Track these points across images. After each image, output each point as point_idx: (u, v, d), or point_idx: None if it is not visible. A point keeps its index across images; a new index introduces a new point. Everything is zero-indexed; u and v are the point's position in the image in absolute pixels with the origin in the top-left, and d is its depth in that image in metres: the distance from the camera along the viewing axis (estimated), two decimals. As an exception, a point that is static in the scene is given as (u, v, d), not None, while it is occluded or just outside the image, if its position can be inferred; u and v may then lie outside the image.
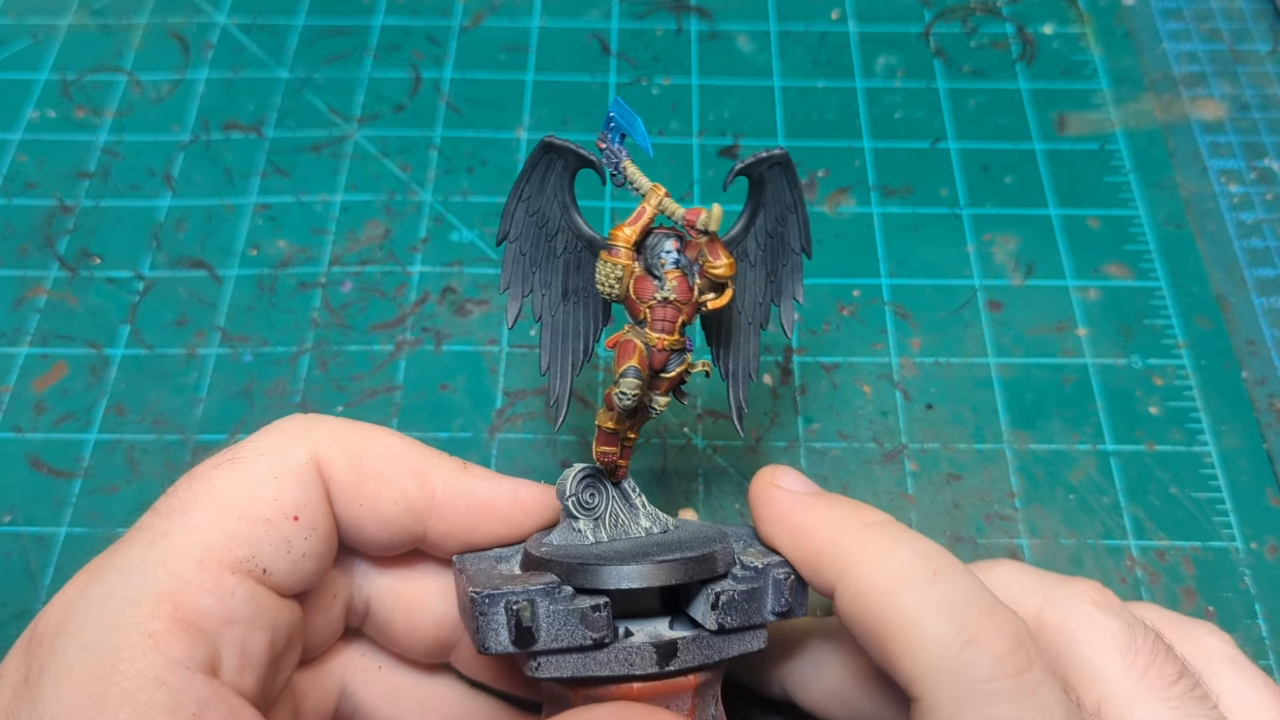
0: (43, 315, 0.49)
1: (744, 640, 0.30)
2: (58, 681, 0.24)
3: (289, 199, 0.52)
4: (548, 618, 0.28)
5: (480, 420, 0.46)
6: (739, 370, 0.35)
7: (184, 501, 0.28)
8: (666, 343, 0.31)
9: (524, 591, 0.28)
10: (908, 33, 0.60)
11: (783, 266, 0.34)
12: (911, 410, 0.46)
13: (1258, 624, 0.41)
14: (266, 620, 0.28)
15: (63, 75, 0.57)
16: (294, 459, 0.29)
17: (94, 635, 0.25)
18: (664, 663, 0.29)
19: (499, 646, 0.28)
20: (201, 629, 0.26)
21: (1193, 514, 0.44)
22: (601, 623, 0.28)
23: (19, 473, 0.44)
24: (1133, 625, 0.30)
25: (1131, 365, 0.48)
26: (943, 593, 0.27)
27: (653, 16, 0.60)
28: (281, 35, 0.59)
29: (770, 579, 0.30)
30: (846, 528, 0.29)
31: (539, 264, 0.33)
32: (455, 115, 0.56)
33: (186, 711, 0.24)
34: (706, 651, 0.29)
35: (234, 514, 0.28)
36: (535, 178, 0.32)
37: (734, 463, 0.45)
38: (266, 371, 0.47)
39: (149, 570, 0.26)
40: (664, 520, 0.34)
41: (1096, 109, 0.56)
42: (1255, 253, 0.52)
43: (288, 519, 0.29)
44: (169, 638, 0.25)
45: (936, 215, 0.52)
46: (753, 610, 0.30)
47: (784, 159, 0.32)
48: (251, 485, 0.29)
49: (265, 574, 0.28)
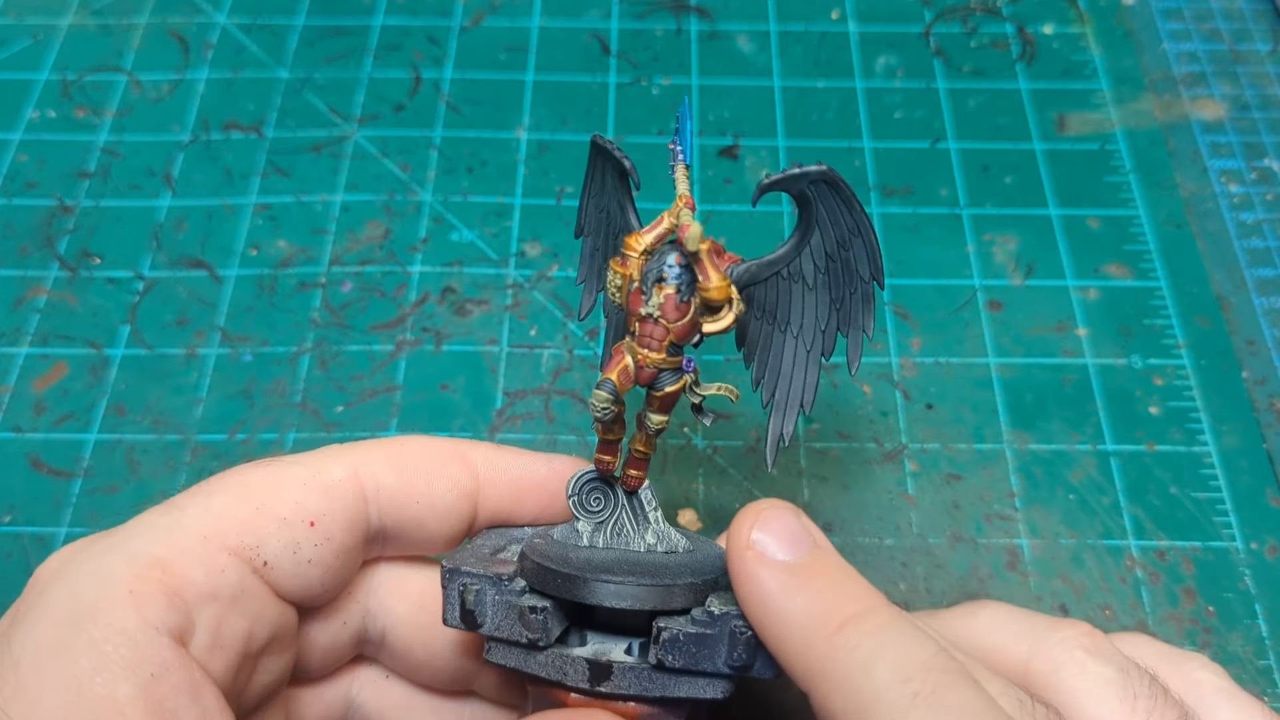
0: (43, 315, 0.49)
1: (695, 685, 0.28)
2: (35, 623, 0.25)
3: (289, 199, 0.52)
4: (494, 606, 0.29)
5: (480, 420, 0.46)
6: (787, 399, 0.33)
7: (213, 485, 0.29)
8: (650, 360, 0.29)
9: (476, 575, 0.29)
10: (908, 33, 0.60)
11: (850, 294, 0.31)
12: (911, 410, 0.46)
13: (1257, 624, 0.41)
14: (250, 609, 0.28)
15: (63, 75, 0.57)
16: (330, 474, 0.30)
17: (81, 584, 0.26)
18: (595, 682, 0.28)
19: (452, 621, 0.29)
20: (183, 598, 0.26)
21: (1193, 514, 0.44)
22: (537, 624, 0.28)
23: (19, 473, 0.44)
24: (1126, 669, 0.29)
25: (1131, 365, 0.48)
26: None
27: (653, 16, 0.60)
28: (281, 35, 0.59)
29: (727, 629, 0.28)
30: (820, 630, 0.26)
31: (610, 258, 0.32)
32: (455, 115, 0.56)
33: (145, 670, 0.25)
34: (644, 684, 0.28)
35: (252, 505, 0.28)
36: (596, 175, 0.32)
37: (734, 463, 0.45)
38: (266, 371, 0.47)
39: (153, 535, 0.27)
40: (675, 541, 0.32)
41: (1096, 109, 0.56)
42: (1255, 253, 0.52)
43: (303, 522, 0.29)
44: (147, 598, 0.25)
45: (936, 215, 0.52)
46: (702, 656, 0.28)
47: (829, 177, 0.29)
48: (279, 486, 0.29)
49: (265, 566, 0.28)
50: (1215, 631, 0.41)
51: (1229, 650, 0.41)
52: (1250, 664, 0.40)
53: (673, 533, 0.32)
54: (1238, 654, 0.40)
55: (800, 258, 0.31)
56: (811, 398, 0.32)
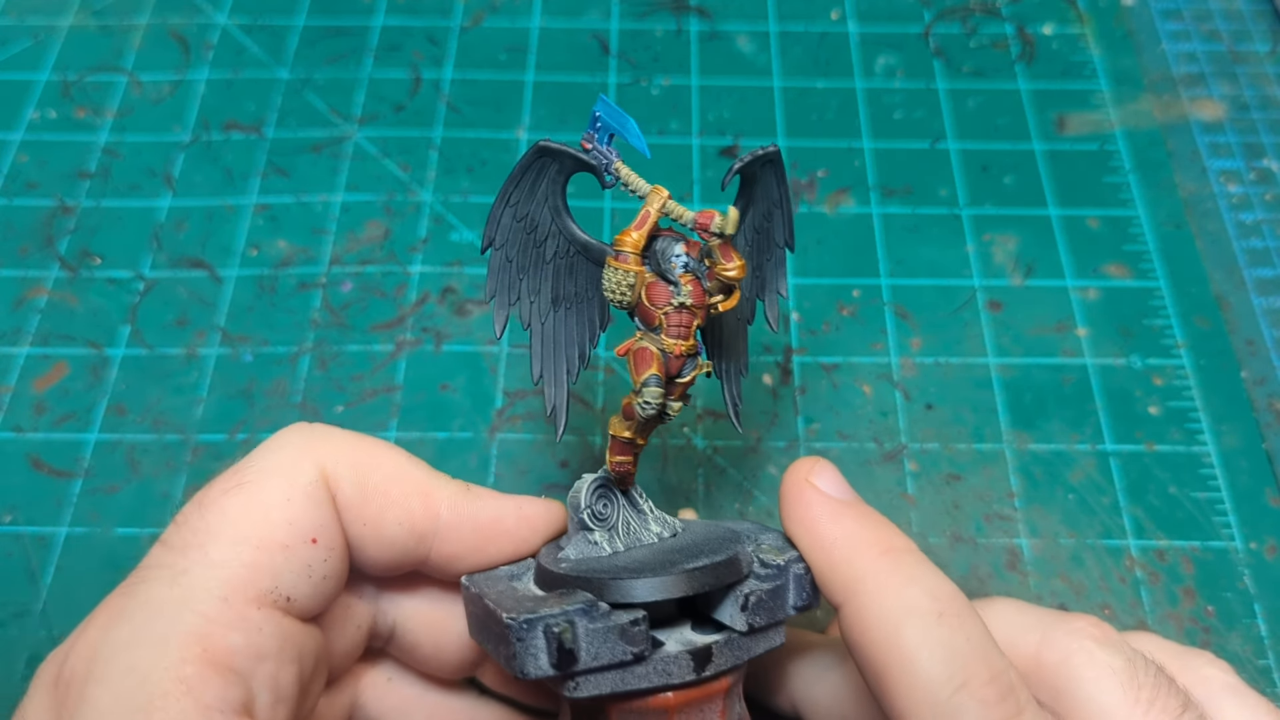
0: (43, 315, 0.49)
1: (768, 638, 0.30)
2: None
3: (289, 199, 0.52)
4: (587, 637, 0.28)
5: (480, 420, 0.46)
6: (730, 368, 0.35)
7: (198, 534, 0.27)
8: (683, 348, 0.30)
9: (562, 613, 0.27)
10: (908, 33, 0.60)
11: (767, 261, 0.34)
12: (911, 410, 0.46)
13: (1257, 624, 0.41)
14: (294, 652, 0.27)
15: (63, 76, 0.57)
16: (303, 477, 0.28)
17: (125, 683, 0.24)
18: (700, 669, 0.29)
19: (538, 671, 0.27)
20: (233, 669, 0.25)
21: (1192, 514, 0.44)
22: (640, 636, 0.28)
23: (19, 473, 0.44)
24: (1134, 660, 0.30)
25: (1131, 365, 0.48)
26: (944, 636, 0.27)
27: (653, 16, 0.60)
28: (281, 35, 0.59)
29: (791, 575, 0.30)
30: (865, 549, 0.29)
31: (526, 270, 0.32)
32: (455, 115, 0.56)
33: None
34: (737, 653, 0.29)
35: (251, 544, 0.27)
36: (525, 182, 0.31)
37: (734, 463, 0.45)
38: (266, 371, 0.47)
39: (174, 611, 0.25)
40: (672, 524, 0.33)
41: (1096, 109, 0.57)
42: (1254, 253, 0.52)
43: (305, 542, 0.28)
44: (201, 682, 0.24)
45: (936, 215, 0.52)
46: (777, 607, 0.30)
47: (775, 156, 0.32)
48: (265, 510, 0.28)
49: (289, 602, 0.27)
50: (1215, 631, 0.41)
51: (1228, 650, 0.41)
52: (1250, 664, 0.40)
53: (666, 516, 0.34)
54: (1237, 653, 0.40)
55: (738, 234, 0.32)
56: (745, 361, 0.35)
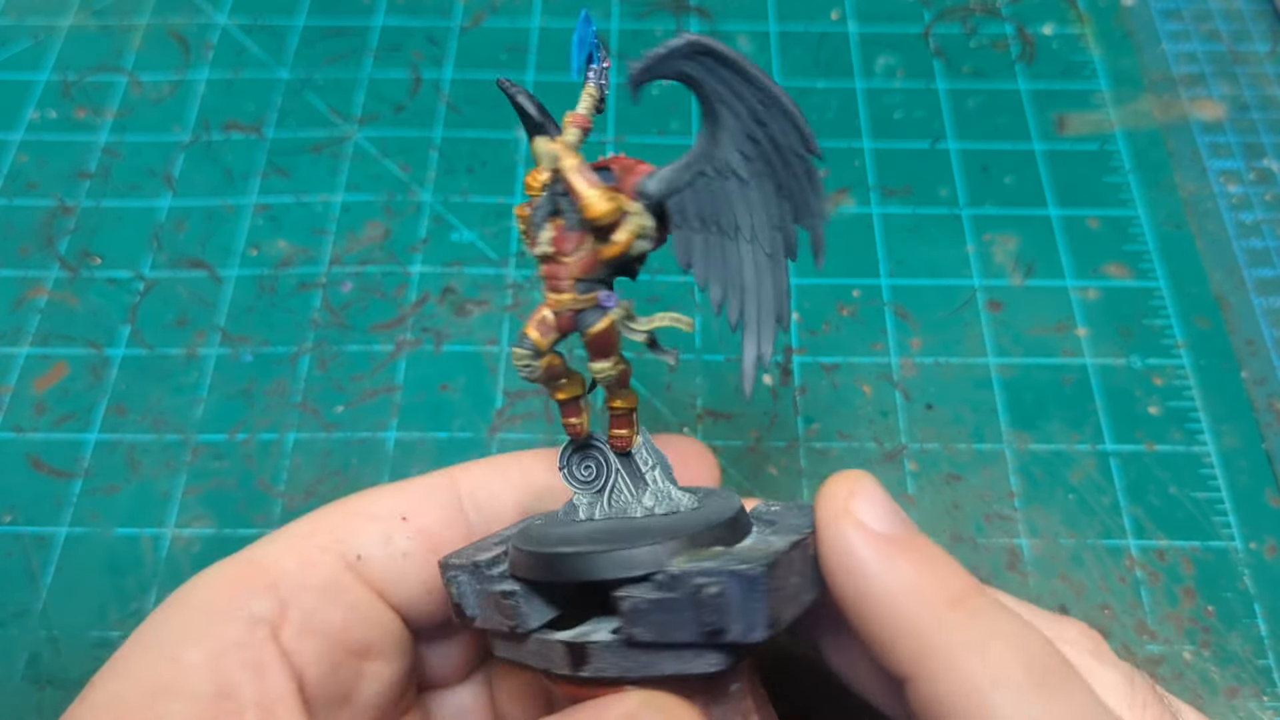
0: (43, 315, 0.49)
1: (680, 659, 0.24)
2: (158, 608, 0.28)
3: (289, 199, 0.52)
4: (476, 597, 0.27)
5: (480, 420, 0.46)
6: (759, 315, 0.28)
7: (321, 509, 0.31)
8: (560, 303, 0.26)
9: (459, 567, 0.27)
10: (908, 33, 0.60)
11: (792, 176, 0.27)
12: (911, 410, 0.46)
13: (1257, 624, 0.41)
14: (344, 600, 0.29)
15: (63, 75, 0.57)
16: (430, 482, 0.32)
17: (200, 578, 0.28)
18: (575, 667, 0.25)
19: (455, 618, 0.28)
20: (275, 586, 0.28)
21: (1192, 514, 0.44)
22: (510, 610, 0.26)
23: (19, 473, 0.44)
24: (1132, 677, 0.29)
25: (1131, 365, 0.48)
26: (1042, 710, 0.22)
27: (653, 16, 0.60)
28: (281, 35, 0.59)
29: (688, 590, 0.23)
30: (930, 604, 0.24)
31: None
32: (455, 115, 0.56)
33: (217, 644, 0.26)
34: (625, 663, 0.25)
35: (345, 509, 0.31)
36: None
37: (734, 463, 0.45)
38: (266, 371, 0.47)
39: (260, 544, 0.30)
40: (677, 500, 0.29)
41: (1096, 109, 0.57)
42: (1255, 253, 0.52)
43: (395, 518, 0.30)
44: (240, 584, 0.28)
45: (936, 215, 0.52)
46: (671, 624, 0.24)
47: (703, 45, 0.25)
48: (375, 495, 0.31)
49: (359, 560, 0.29)
50: (1214, 631, 0.41)
51: (1228, 650, 0.41)
52: (1250, 663, 0.40)
53: (674, 491, 0.29)
54: (1237, 653, 0.40)
55: (719, 149, 0.27)
56: (787, 307, 0.28)
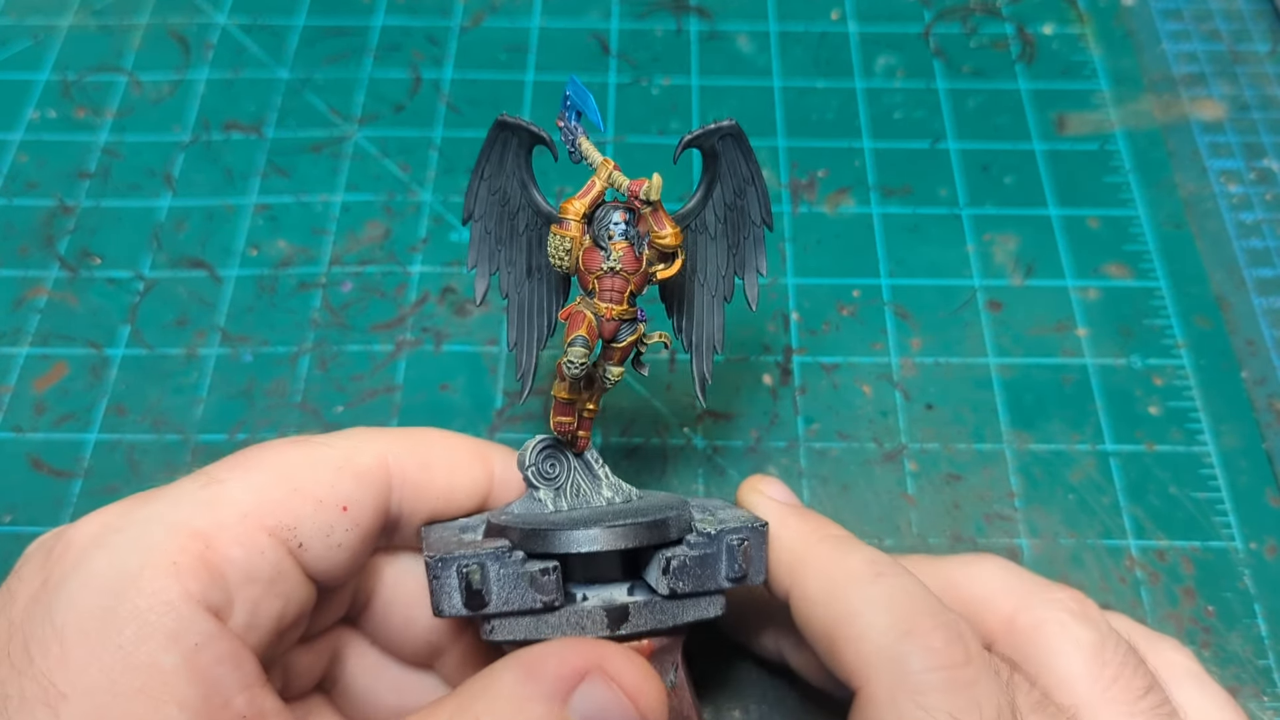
0: (43, 315, 0.49)
1: (699, 607, 0.31)
2: (77, 591, 0.25)
3: (289, 199, 0.52)
4: (498, 581, 0.29)
5: (480, 420, 0.46)
6: (702, 342, 0.35)
7: (247, 460, 0.29)
8: (615, 312, 0.31)
9: (475, 555, 0.29)
10: (908, 33, 0.60)
11: (744, 239, 0.35)
12: (911, 410, 0.46)
13: (1257, 624, 0.41)
14: (283, 590, 0.28)
15: (63, 75, 0.57)
16: (361, 459, 0.31)
17: (123, 553, 0.26)
18: (615, 626, 0.29)
19: (452, 609, 0.29)
20: (224, 576, 0.27)
21: (1192, 514, 0.44)
22: (550, 586, 0.29)
23: (19, 473, 0.44)
24: (1106, 637, 0.31)
25: (1131, 365, 0.48)
26: (884, 591, 0.29)
27: (653, 16, 0.60)
28: (281, 35, 0.59)
29: (724, 545, 0.30)
30: (805, 540, 0.31)
31: (504, 242, 0.34)
32: (455, 115, 0.56)
33: (189, 640, 0.25)
34: (659, 616, 0.30)
35: (289, 485, 0.29)
36: (494, 156, 0.33)
37: (734, 463, 0.45)
38: (266, 371, 0.47)
39: (194, 507, 0.27)
40: (627, 491, 0.34)
41: (1096, 109, 0.57)
42: (1255, 253, 0.52)
43: (337, 507, 0.30)
44: (190, 571, 0.26)
45: (936, 215, 0.52)
46: (706, 576, 0.30)
47: (735, 130, 0.33)
48: (315, 467, 0.30)
49: (300, 548, 0.29)
50: (1215, 631, 0.41)
51: (1228, 650, 0.41)
52: (1250, 664, 0.40)
53: (623, 484, 0.35)
54: (1237, 654, 0.40)
55: (704, 210, 0.34)
56: (721, 338, 0.36)
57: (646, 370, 0.35)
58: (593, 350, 0.32)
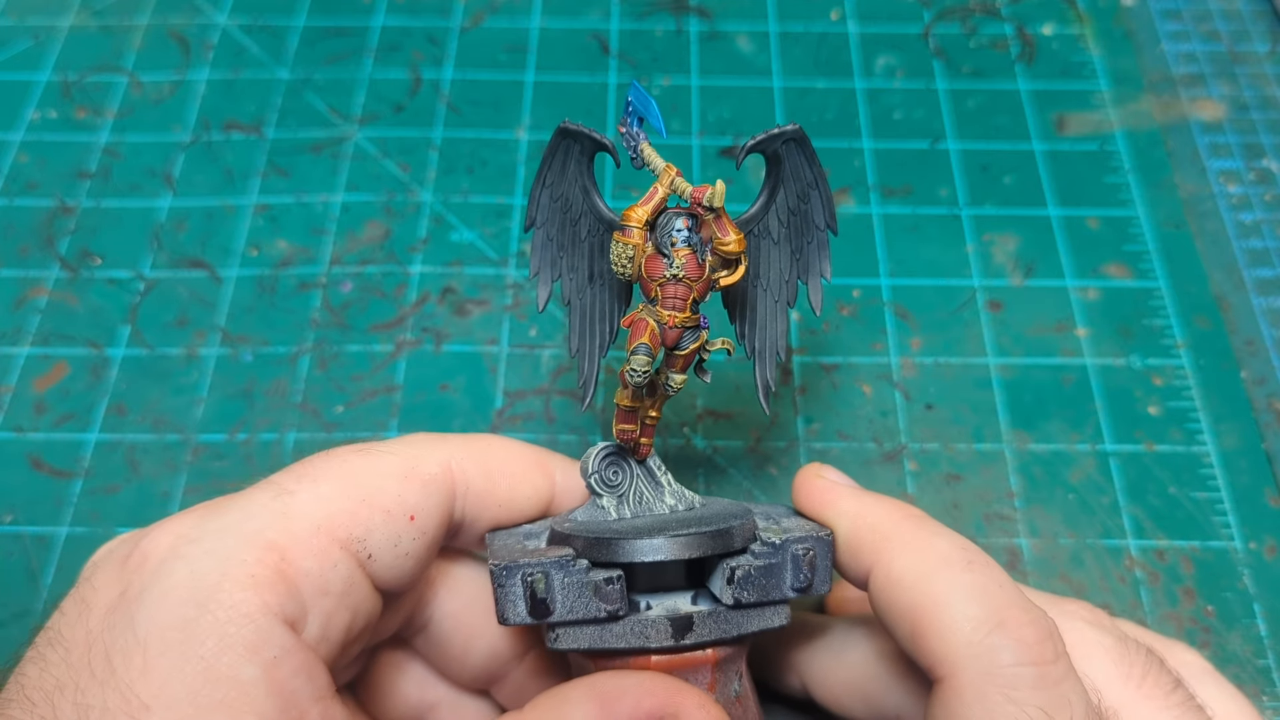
0: (43, 315, 0.49)
1: (764, 616, 0.30)
2: (159, 601, 0.25)
3: (289, 199, 0.53)
4: (563, 590, 0.29)
5: (480, 420, 0.46)
6: (765, 348, 0.35)
7: (317, 469, 0.29)
8: (678, 319, 0.31)
9: (539, 564, 0.29)
10: (907, 33, 0.60)
11: (808, 244, 0.35)
12: (911, 410, 0.46)
13: (1256, 624, 0.41)
14: (354, 602, 0.28)
15: (64, 76, 0.57)
16: (426, 467, 0.31)
17: (201, 564, 0.26)
18: (679, 636, 0.29)
19: (516, 618, 0.29)
20: (299, 588, 0.27)
21: (1192, 514, 0.44)
22: (615, 595, 0.29)
23: (19, 473, 0.44)
24: (1125, 640, 0.31)
25: (1131, 365, 0.48)
26: (976, 580, 0.28)
27: (653, 17, 0.60)
28: (281, 35, 0.59)
29: (789, 554, 0.30)
30: (888, 516, 0.30)
31: (565, 248, 0.34)
32: (455, 115, 0.56)
33: (268, 653, 0.25)
34: (724, 626, 0.30)
35: (359, 496, 0.29)
36: (556, 163, 0.33)
37: (734, 463, 0.45)
38: (266, 371, 0.47)
39: (268, 519, 0.28)
40: (690, 498, 0.34)
41: (1096, 109, 0.57)
42: (1254, 253, 0.52)
43: (405, 516, 0.29)
44: (268, 583, 0.26)
45: (936, 215, 0.53)
46: (771, 586, 0.30)
47: (798, 135, 0.32)
48: (381, 476, 0.30)
49: (370, 559, 0.29)
50: (1214, 631, 0.41)
51: (1228, 650, 0.41)
52: (1249, 664, 0.40)
53: (686, 491, 0.34)
54: (1237, 653, 0.41)
55: (767, 215, 0.34)
56: (785, 345, 0.35)
57: (709, 377, 0.34)
58: (655, 358, 0.31)
